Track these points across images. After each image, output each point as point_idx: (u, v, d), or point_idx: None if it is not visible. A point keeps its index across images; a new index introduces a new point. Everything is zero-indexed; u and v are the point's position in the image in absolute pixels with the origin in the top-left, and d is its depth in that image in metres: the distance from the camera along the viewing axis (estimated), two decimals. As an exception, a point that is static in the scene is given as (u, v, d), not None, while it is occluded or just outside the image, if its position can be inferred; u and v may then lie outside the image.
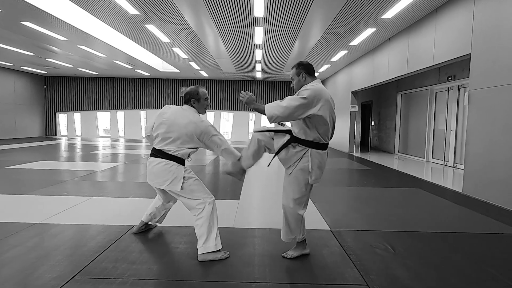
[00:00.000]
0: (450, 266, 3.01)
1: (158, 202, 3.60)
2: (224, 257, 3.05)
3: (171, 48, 12.12)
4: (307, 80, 3.01)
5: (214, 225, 3.09)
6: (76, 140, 18.71)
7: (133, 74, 19.30)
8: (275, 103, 2.81)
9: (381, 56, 10.75)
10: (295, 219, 3.03)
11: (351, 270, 2.88)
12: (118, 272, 2.75)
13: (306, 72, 3.01)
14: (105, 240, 3.46)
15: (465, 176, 6.23)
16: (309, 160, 2.89)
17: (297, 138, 2.92)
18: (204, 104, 3.25)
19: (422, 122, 11.66)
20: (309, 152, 2.89)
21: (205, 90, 3.28)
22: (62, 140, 18.45)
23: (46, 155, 10.90)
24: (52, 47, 12.50)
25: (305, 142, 2.90)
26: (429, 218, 4.54)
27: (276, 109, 2.77)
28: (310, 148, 2.90)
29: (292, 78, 3.07)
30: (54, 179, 6.72)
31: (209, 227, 3.05)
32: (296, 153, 2.91)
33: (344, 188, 6.53)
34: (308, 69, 3.02)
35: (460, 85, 9.70)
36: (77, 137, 20.93)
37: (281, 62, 14.34)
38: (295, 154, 2.91)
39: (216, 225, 3.10)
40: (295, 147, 2.92)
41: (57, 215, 4.31)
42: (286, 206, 3.01)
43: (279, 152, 2.98)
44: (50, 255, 3.07)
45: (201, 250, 3.02)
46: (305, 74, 3.00)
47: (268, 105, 2.83)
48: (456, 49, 6.68)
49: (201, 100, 3.22)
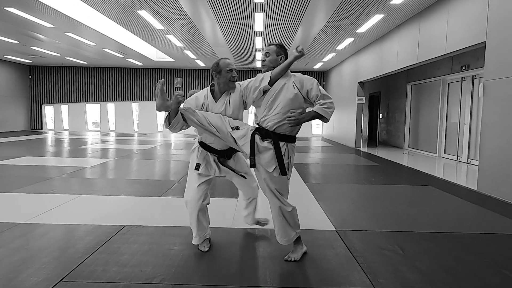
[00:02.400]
0: (463, 269, 2.99)
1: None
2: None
3: (165, 35, 12.06)
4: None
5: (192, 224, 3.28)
6: (63, 134, 18.69)
7: (124, 63, 19.24)
8: (325, 105, 2.89)
9: (390, 44, 10.70)
10: (292, 215, 3.05)
11: (357, 273, 2.87)
12: (108, 276, 2.74)
13: (285, 57, 3.11)
14: (94, 241, 3.44)
15: (479, 173, 6.22)
16: (289, 157, 2.97)
17: (277, 134, 2.94)
18: (227, 76, 3.04)
19: (433, 115, 11.63)
20: (287, 147, 2.96)
21: (228, 60, 3.09)
22: (49, 134, 18.43)
23: (32, 150, 10.88)
24: (38, 35, 12.44)
25: (284, 137, 2.96)
26: (441, 217, 4.53)
27: (330, 107, 2.91)
28: (286, 142, 2.96)
29: (268, 53, 3.08)
30: (40, 176, 6.71)
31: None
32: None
33: (350, 185, 6.53)
34: (287, 55, 3.14)
35: (474, 75, 9.65)
36: (65, 131, 20.93)
37: (282, 51, 14.27)
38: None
39: (193, 224, 3.27)
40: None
41: (43, 214, 4.30)
42: (283, 209, 2.99)
43: (255, 154, 2.95)
44: (35, 257, 3.06)
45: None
46: (284, 59, 3.09)
47: (319, 110, 2.89)
48: (470, 37, 6.63)
49: (223, 72, 3.04)
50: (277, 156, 2.88)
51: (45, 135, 17.35)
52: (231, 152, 3.26)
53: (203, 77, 20.77)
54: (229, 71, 3.05)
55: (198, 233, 3.25)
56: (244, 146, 2.97)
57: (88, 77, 21.06)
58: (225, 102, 3.10)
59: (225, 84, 3.08)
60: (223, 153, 3.22)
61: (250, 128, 3.01)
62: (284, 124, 2.92)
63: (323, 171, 8.10)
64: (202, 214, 3.25)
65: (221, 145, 3.18)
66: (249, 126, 3.06)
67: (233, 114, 3.10)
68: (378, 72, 11.71)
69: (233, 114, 3.10)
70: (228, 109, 3.09)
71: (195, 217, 3.20)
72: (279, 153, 2.88)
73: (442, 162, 10.16)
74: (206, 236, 3.31)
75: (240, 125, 3.03)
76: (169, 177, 6.97)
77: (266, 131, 2.95)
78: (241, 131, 2.99)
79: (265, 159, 2.91)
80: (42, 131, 20.29)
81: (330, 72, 19.17)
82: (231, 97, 3.10)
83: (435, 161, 10.23)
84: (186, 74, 20.82)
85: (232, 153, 3.28)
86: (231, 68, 3.06)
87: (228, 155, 3.26)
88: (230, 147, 3.19)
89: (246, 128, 3.01)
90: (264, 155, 2.91)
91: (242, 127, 3.02)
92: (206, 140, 3.21)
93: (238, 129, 3.00)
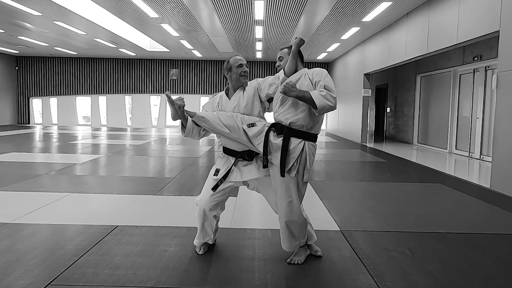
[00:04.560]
0: (476, 272, 2.99)
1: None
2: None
3: (160, 24, 12.03)
4: (299, 66, 3.09)
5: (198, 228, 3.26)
6: (52, 128, 18.68)
7: (116, 54, 19.21)
8: (323, 92, 2.77)
9: (398, 33, 10.67)
10: (301, 224, 3.00)
11: (363, 276, 2.87)
12: (99, 279, 2.74)
13: (300, 58, 3.13)
14: (85, 242, 3.44)
15: (493, 170, 6.21)
16: (307, 156, 2.89)
17: (292, 129, 2.89)
18: (237, 72, 3.13)
19: (444, 108, 11.63)
20: (306, 145, 2.89)
21: (239, 56, 3.19)
22: (37, 128, 18.42)
23: (18, 146, 10.88)
24: (25, 23, 12.40)
25: (301, 133, 2.90)
26: (452, 217, 4.53)
27: (328, 99, 2.75)
28: (304, 140, 2.90)
29: (282, 57, 3.12)
30: (28, 173, 6.70)
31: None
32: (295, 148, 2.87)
33: (355, 183, 6.52)
34: (301, 56, 3.15)
35: (487, 67, 9.64)
36: (53, 126, 20.92)
37: (284, 41, 14.26)
38: (295, 148, 2.87)
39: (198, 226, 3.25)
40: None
41: (30, 213, 4.29)
42: (292, 218, 2.93)
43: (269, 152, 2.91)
44: (22, 259, 3.05)
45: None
46: (299, 60, 3.09)
47: (315, 93, 2.77)
48: (483, 26, 6.60)
49: (233, 68, 3.14)
50: (282, 152, 2.83)
51: (32, 130, 17.34)
52: (251, 153, 3.16)
53: (200, 68, 20.73)
54: (239, 66, 3.14)
55: (200, 236, 3.24)
56: (259, 145, 2.93)
57: (78, 68, 21.02)
58: (238, 98, 3.14)
59: (237, 80, 3.16)
60: (243, 153, 3.16)
61: (266, 125, 2.99)
62: (300, 116, 2.88)
63: (327, 168, 8.10)
64: (209, 223, 3.21)
65: (239, 146, 3.13)
66: (265, 122, 3.03)
67: (247, 109, 3.10)
68: (385, 63, 11.68)
69: (247, 109, 3.10)
70: (241, 103, 3.11)
71: (200, 223, 3.20)
72: (285, 149, 2.83)
73: (453, 158, 10.16)
74: (208, 241, 3.30)
75: (257, 122, 3.01)
76: (164, 174, 6.97)
77: (281, 125, 2.93)
78: (256, 128, 2.95)
79: (278, 158, 2.87)
80: (30, 126, 20.28)
81: (335, 63, 19.13)
82: (245, 91, 3.16)
83: (446, 157, 10.23)
84: (182, 66, 20.78)
85: (253, 153, 3.17)
86: (241, 63, 3.15)
87: (249, 156, 3.15)
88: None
89: (263, 125, 2.98)
90: (278, 153, 2.87)
91: (258, 123, 2.99)
92: (226, 144, 3.20)
93: (254, 125, 2.97)
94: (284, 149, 2.83)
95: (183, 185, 5.94)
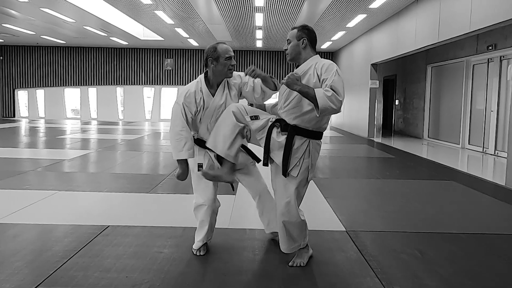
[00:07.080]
0: (489, 274, 2.99)
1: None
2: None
3: (154, 11, 11.98)
4: (307, 49, 2.93)
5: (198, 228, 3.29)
6: (39, 122, 18.69)
7: (107, 43, 19.16)
8: (329, 93, 2.59)
9: (407, 21, 10.63)
10: (299, 226, 2.99)
11: (370, 280, 2.87)
12: (89, 282, 2.74)
13: (309, 39, 2.94)
14: (74, 243, 3.43)
15: (508, 166, 6.20)
16: (311, 155, 2.86)
17: (296, 128, 2.84)
18: (226, 64, 3.02)
19: (456, 100, 11.61)
20: (310, 144, 2.86)
21: (227, 45, 3.07)
22: (22, 122, 18.43)
23: (3, 141, 10.89)
24: (10, 10, 12.36)
25: (306, 132, 2.85)
26: (465, 216, 4.53)
27: (332, 101, 2.58)
28: (309, 139, 2.85)
29: (289, 40, 2.98)
30: (13, 169, 6.70)
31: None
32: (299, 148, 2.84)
33: (362, 180, 6.53)
34: (311, 37, 2.95)
35: (502, 56, 9.61)
36: (40, 119, 20.91)
37: (286, 29, 14.21)
38: (299, 148, 2.84)
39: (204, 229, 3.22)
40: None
41: (16, 213, 4.29)
42: (289, 219, 2.91)
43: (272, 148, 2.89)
44: (7, 261, 3.05)
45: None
46: (307, 41, 2.93)
47: (320, 93, 2.61)
48: (497, 13, 6.57)
49: (221, 59, 3.01)
50: (284, 151, 2.80)
51: (18, 124, 17.35)
52: None
53: (196, 58, 20.69)
54: (228, 58, 3.03)
55: (204, 237, 3.23)
56: (261, 140, 2.91)
57: (66, 58, 20.97)
58: (224, 97, 3.11)
59: (222, 73, 3.07)
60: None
61: (270, 119, 2.94)
62: (305, 117, 2.82)
63: (332, 164, 8.10)
64: (215, 220, 3.29)
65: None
66: (269, 116, 2.97)
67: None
68: (394, 53, 11.65)
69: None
70: (229, 102, 3.10)
71: (209, 224, 3.20)
72: (287, 148, 2.80)
73: (466, 154, 10.16)
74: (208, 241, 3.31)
75: (260, 114, 2.97)
76: (158, 171, 6.97)
77: (286, 123, 2.88)
78: (260, 122, 2.91)
79: (280, 157, 2.84)
80: (15, 119, 20.27)
81: (340, 53, 19.09)
82: (231, 90, 3.15)
83: (458, 153, 10.24)
84: (177, 55, 20.74)
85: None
86: (230, 56, 3.04)
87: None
88: None
89: (266, 120, 2.93)
90: (280, 152, 2.84)
91: (261, 116, 2.95)
92: (204, 136, 3.16)
93: (258, 119, 2.93)
94: (287, 148, 2.81)
95: (179, 183, 5.89)
